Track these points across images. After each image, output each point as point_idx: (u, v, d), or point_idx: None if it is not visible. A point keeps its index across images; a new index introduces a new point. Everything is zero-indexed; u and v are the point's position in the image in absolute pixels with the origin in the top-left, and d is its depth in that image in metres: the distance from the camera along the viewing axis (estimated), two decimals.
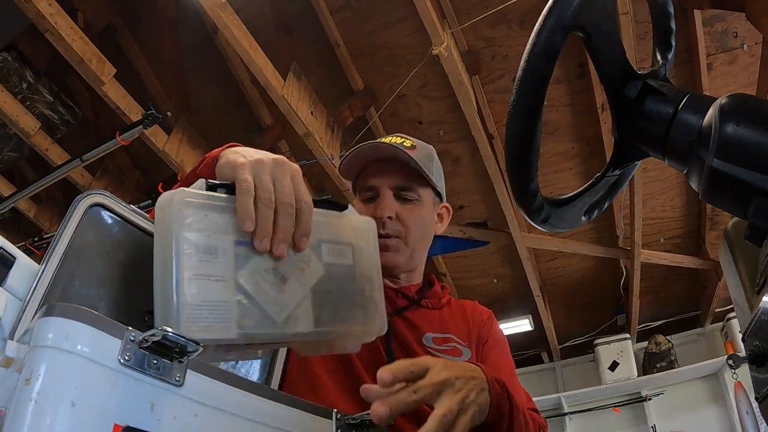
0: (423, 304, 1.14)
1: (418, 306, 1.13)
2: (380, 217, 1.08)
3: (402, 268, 1.14)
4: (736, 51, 3.24)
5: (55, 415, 0.45)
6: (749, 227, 0.54)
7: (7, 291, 0.62)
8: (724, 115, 0.54)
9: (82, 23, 2.94)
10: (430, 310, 1.15)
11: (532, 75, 0.63)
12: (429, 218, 1.16)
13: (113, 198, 0.80)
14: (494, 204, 3.88)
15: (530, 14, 3.07)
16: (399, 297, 1.13)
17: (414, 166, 1.10)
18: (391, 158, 1.12)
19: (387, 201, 1.10)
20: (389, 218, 1.09)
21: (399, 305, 1.11)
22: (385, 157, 1.13)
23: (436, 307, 1.16)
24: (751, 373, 0.59)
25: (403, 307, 1.12)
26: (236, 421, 0.59)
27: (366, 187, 1.14)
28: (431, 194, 1.16)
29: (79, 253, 0.73)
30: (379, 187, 1.12)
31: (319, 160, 3.26)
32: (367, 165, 1.15)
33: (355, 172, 1.18)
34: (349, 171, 1.18)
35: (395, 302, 1.11)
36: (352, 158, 1.14)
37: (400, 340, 1.06)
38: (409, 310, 1.11)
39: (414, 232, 1.12)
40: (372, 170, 1.14)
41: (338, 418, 0.71)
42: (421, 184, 1.13)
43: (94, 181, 3.58)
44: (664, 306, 5.21)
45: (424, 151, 1.15)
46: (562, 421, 5.23)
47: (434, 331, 1.11)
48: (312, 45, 3.36)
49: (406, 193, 1.12)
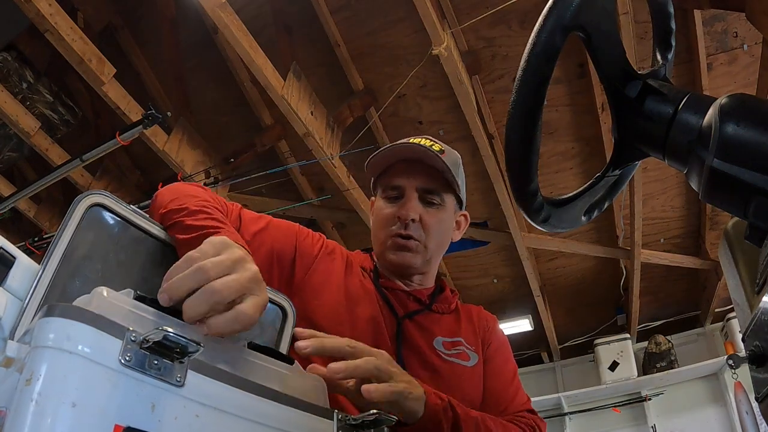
0: (434, 308, 1.15)
1: (429, 310, 1.14)
2: (404, 218, 1.09)
3: (417, 270, 1.14)
4: (736, 51, 3.24)
5: (56, 415, 0.45)
6: (749, 227, 0.54)
7: (7, 291, 0.62)
8: (724, 115, 0.54)
9: (82, 23, 2.94)
10: (440, 315, 1.15)
11: (532, 75, 0.63)
12: (449, 225, 1.17)
13: (113, 198, 0.80)
14: (494, 204, 3.88)
15: (530, 14, 3.08)
16: (411, 300, 1.13)
17: (442, 169, 1.10)
18: (418, 160, 1.11)
19: (413, 203, 1.10)
20: (413, 220, 1.09)
21: (411, 308, 1.12)
22: (413, 158, 1.12)
23: (446, 311, 1.16)
24: (751, 373, 0.59)
25: (415, 310, 1.12)
26: (237, 422, 0.59)
27: (391, 186, 1.13)
28: (453, 201, 1.17)
29: (79, 253, 0.73)
30: (405, 187, 1.11)
31: (319, 160, 3.26)
32: (394, 164, 1.14)
33: (379, 169, 1.17)
34: (375, 167, 1.17)
35: (407, 305, 1.12)
36: (381, 155, 1.13)
37: (411, 343, 1.07)
38: (420, 314, 1.12)
39: (434, 238, 1.12)
40: (398, 170, 1.13)
41: (339, 418, 0.71)
42: (445, 190, 1.14)
43: (94, 181, 3.58)
44: (664, 306, 5.21)
45: (452, 157, 1.15)
46: (562, 421, 5.24)
47: (444, 335, 1.11)
48: (312, 45, 3.37)
49: (431, 196, 1.12)
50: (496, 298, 5.05)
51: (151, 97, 3.53)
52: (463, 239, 1.33)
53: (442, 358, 1.07)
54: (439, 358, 1.07)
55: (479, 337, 1.17)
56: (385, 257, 1.13)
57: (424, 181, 1.12)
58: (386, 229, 1.12)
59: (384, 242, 1.12)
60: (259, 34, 2.79)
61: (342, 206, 3.91)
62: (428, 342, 1.08)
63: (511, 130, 0.66)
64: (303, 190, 4.08)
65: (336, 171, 3.38)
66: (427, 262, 1.15)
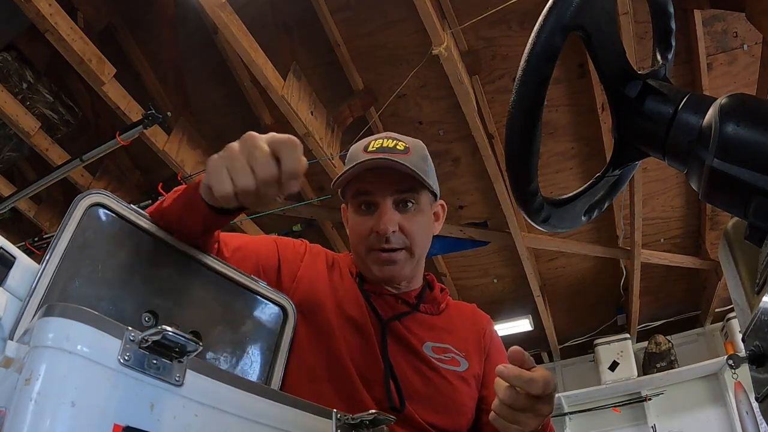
0: (421, 309, 1.12)
1: (417, 311, 1.11)
2: (384, 232, 1.03)
3: (406, 278, 1.11)
4: (736, 51, 3.24)
5: (56, 415, 0.45)
6: (749, 227, 0.54)
7: (7, 291, 0.62)
8: (724, 115, 0.54)
9: (82, 23, 2.94)
10: (428, 316, 1.13)
11: (532, 75, 0.63)
12: (429, 222, 1.12)
13: (113, 197, 0.80)
14: (494, 204, 3.88)
15: (530, 14, 3.07)
16: (399, 303, 1.11)
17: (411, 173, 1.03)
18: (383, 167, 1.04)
19: (389, 214, 1.04)
20: (393, 232, 1.04)
21: (398, 311, 1.09)
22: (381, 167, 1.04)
23: (434, 312, 1.14)
24: (751, 373, 0.59)
25: (402, 313, 1.09)
26: (236, 421, 0.59)
27: (361, 193, 1.07)
28: (428, 195, 1.11)
29: (79, 252, 0.73)
30: (377, 199, 1.05)
31: (319, 160, 3.25)
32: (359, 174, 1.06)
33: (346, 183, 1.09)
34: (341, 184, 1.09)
35: (395, 307, 1.10)
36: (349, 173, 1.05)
37: (400, 346, 1.05)
38: (407, 316, 1.09)
39: (418, 242, 1.08)
40: (366, 179, 1.05)
41: (338, 418, 0.71)
42: (417, 188, 1.07)
43: (94, 181, 3.58)
44: (664, 306, 5.21)
45: (418, 153, 1.09)
46: (562, 420, 5.23)
47: (434, 340, 1.09)
48: (312, 45, 3.36)
49: (404, 198, 1.06)
50: (496, 298, 5.05)
51: (151, 97, 3.52)
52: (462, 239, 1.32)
53: (434, 364, 1.06)
54: (431, 363, 1.06)
55: (474, 340, 1.15)
56: (370, 272, 1.08)
57: (395, 186, 1.05)
58: (365, 243, 1.07)
59: (365, 257, 1.08)
60: (259, 34, 2.78)
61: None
62: (417, 346, 1.07)
63: (511, 130, 0.66)
64: (303, 190, 4.07)
65: (336, 171, 3.38)
66: (415, 268, 1.11)
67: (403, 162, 1.03)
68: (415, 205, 1.07)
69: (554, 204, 0.72)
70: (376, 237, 1.05)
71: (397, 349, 1.05)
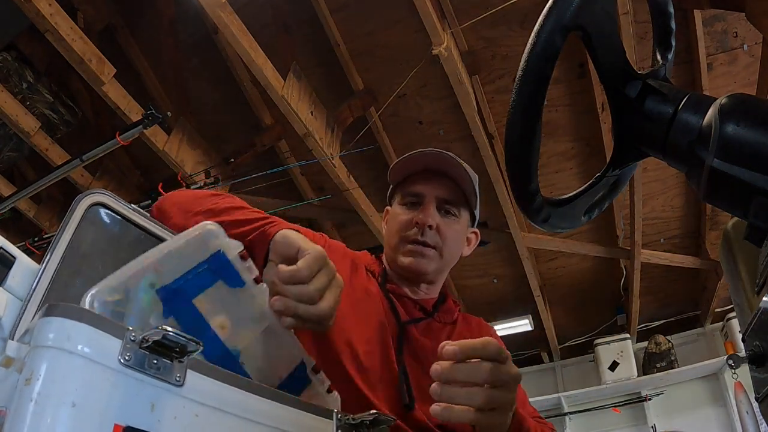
0: (436, 318, 1.15)
1: (431, 319, 1.14)
2: (422, 223, 1.10)
3: (428, 278, 1.15)
4: (736, 51, 3.25)
5: (56, 415, 0.45)
6: (749, 227, 0.54)
7: (7, 291, 0.62)
8: (724, 115, 0.54)
9: (82, 23, 2.94)
10: (442, 325, 1.16)
11: (532, 75, 0.63)
12: (463, 237, 1.19)
13: (113, 197, 0.80)
14: (494, 204, 3.88)
15: (530, 14, 3.07)
16: (416, 308, 1.14)
17: (464, 179, 1.13)
18: (440, 172, 1.14)
19: (431, 210, 1.12)
20: (429, 227, 1.11)
21: (415, 316, 1.12)
22: (436, 169, 1.15)
23: (448, 322, 1.17)
24: (751, 373, 0.59)
25: (418, 318, 1.12)
26: (237, 422, 0.59)
27: (411, 193, 1.16)
28: (468, 216, 1.19)
29: (79, 252, 0.73)
30: (424, 195, 1.14)
31: (319, 160, 3.26)
32: (414, 173, 1.17)
33: (401, 175, 1.19)
34: (398, 172, 1.19)
35: (412, 312, 1.12)
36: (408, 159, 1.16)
37: (414, 349, 1.07)
38: (423, 322, 1.12)
39: (449, 246, 1.14)
40: (420, 178, 1.16)
41: (339, 418, 0.71)
42: (462, 204, 1.16)
43: (94, 181, 3.58)
44: (664, 306, 5.21)
45: (472, 175, 1.17)
46: (562, 421, 5.23)
47: None
48: (312, 45, 3.36)
49: (448, 207, 1.14)
50: (495, 297, 5.05)
51: (151, 97, 3.52)
52: None
53: None
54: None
55: None
56: (397, 261, 1.14)
57: (444, 191, 1.14)
58: (402, 234, 1.13)
59: (398, 246, 1.14)
60: (259, 34, 2.79)
61: (342, 206, 3.91)
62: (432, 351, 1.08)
63: (511, 130, 0.66)
64: (303, 190, 4.08)
65: (336, 171, 3.38)
66: (439, 271, 1.16)
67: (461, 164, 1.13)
68: (455, 217, 1.16)
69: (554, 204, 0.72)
70: (413, 229, 1.12)
71: (412, 351, 1.06)
